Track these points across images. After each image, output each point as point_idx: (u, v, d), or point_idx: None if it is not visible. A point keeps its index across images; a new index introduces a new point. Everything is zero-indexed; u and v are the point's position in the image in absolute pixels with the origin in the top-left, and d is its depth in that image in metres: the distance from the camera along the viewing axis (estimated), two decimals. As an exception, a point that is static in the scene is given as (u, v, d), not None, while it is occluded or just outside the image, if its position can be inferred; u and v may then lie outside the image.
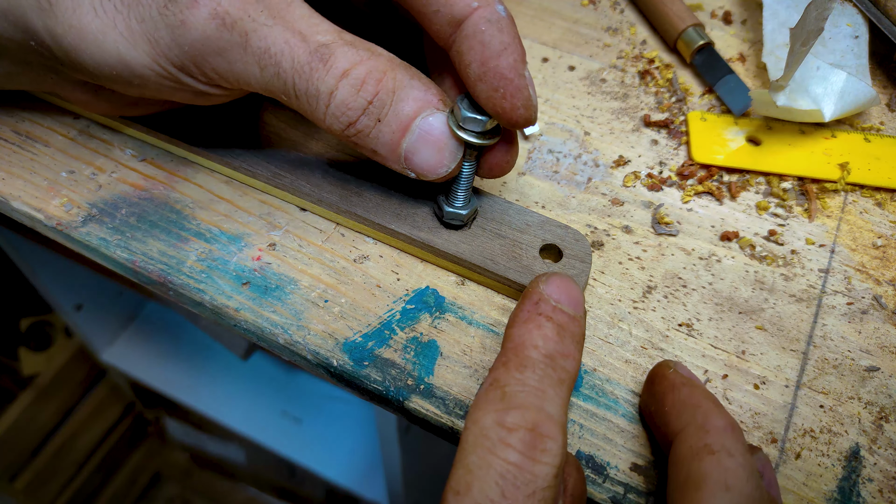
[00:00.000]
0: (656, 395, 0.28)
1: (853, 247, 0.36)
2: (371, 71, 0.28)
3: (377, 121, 0.28)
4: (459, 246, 0.33)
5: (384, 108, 0.28)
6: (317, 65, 0.27)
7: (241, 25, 0.27)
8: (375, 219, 0.34)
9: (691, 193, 0.38)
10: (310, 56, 0.27)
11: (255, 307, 0.32)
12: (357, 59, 0.28)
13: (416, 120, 0.29)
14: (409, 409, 0.30)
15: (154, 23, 0.27)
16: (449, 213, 0.32)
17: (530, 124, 0.30)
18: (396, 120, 0.29)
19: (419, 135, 0.29)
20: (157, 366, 1.09)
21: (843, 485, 0.29)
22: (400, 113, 0.28)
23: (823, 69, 0.39)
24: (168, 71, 0.29)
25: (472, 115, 0.29)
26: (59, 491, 1.17)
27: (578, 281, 0.32)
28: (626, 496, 0.28)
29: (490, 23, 0.28)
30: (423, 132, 0.29)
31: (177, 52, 0.28)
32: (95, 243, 0.34)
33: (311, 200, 0.35)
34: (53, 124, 0.39)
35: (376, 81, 0.28)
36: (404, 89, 0.28)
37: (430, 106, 0.29)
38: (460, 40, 0.29)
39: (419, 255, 0.34)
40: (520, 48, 0.29)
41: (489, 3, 0.29)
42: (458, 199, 0.32)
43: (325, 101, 0.28)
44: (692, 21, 0.44)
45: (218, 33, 0.27)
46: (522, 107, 0.29)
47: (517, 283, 0.32)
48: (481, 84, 0.28)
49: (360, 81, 0.28)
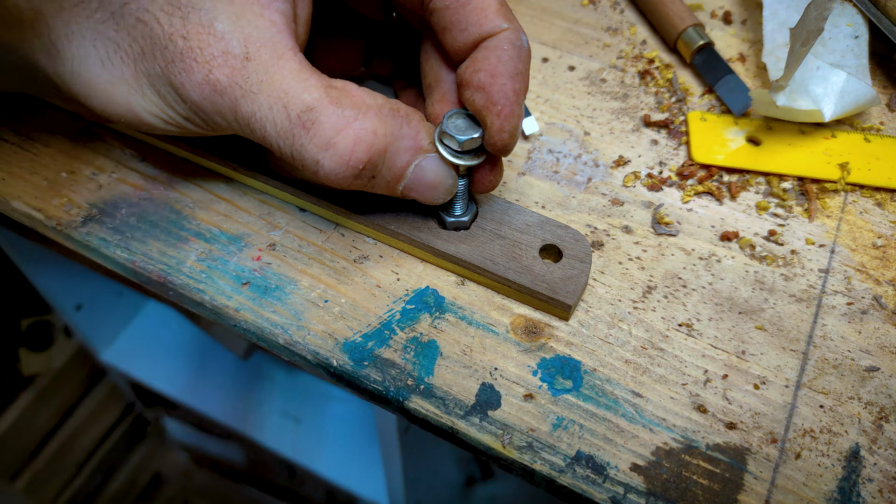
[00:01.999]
0: None
1: (853, 247, 0.36)
2: (359, 138, 0.27)
3: (371, 178, 0.29)
4: (459, 246, 0.33)
5: (376, 168, 0.29)
6: (299, 132, 0.27)
7: (230, 92, 0.28)
8: (375, 219, 0.34)
9: (691, 194, 0.38)
10: (291, 124, 0.27)
11: (255, 307, 0.32)
12: (342, 125, 0.27)
13: (409, 168, 0.30)
14: (409, 409, 0.30)
15: (160, 79, 0.28)
16: (451, 223, 0.33)
17: (505, 152, 0.30)
18: (390, 173, 0.30)
19: (413, 178, 0.30)
20: (156, 366, 1.09)
21: (843, 485, 0.29)
22: (393, 167, 0.29)
23: (823, 69, 0.39)
24: (175, 120, 0.30)
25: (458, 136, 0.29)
26: (59, 491, 1.17)
27: (579, 282, 0.32)
28: (626, 496, 0.28)
29: (514, 46, 0.29)
30: (416, 177, 0.30)
31: (181, 108, 0.29)
32: (95, 243, 0.34)
33: (310, 200, 0.35)
34: (53, 124, 0.39)
35: (366, 149, 0.28)
36: (394, 143, 0.29)
37: (421, 152, 0.30)
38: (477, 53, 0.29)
39: (419, 255, 0.34)
40: (527, 81, 0.30)
41: (518, 28, 0.30)
42: (457, 209, 0.33)
43: (314, 168, 0.28)
44: (692, 21, 0.44)
45: (212, 97, 0.28)
46: (508, 132, 0.29)
47: (517, 284, 0.32)
48: (481, 93, 0.29)
49: (349, 153, 0.27)
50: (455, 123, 0.30)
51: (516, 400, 0.30)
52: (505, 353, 0.32)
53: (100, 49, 0.28)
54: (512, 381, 0.31)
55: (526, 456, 0.29)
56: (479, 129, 0.30)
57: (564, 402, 0.30)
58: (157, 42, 0.27)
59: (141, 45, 0.28)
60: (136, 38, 0.28)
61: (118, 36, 0.28)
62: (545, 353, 0.32)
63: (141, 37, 0.28)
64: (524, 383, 0.31)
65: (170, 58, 0.27)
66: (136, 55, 0.28)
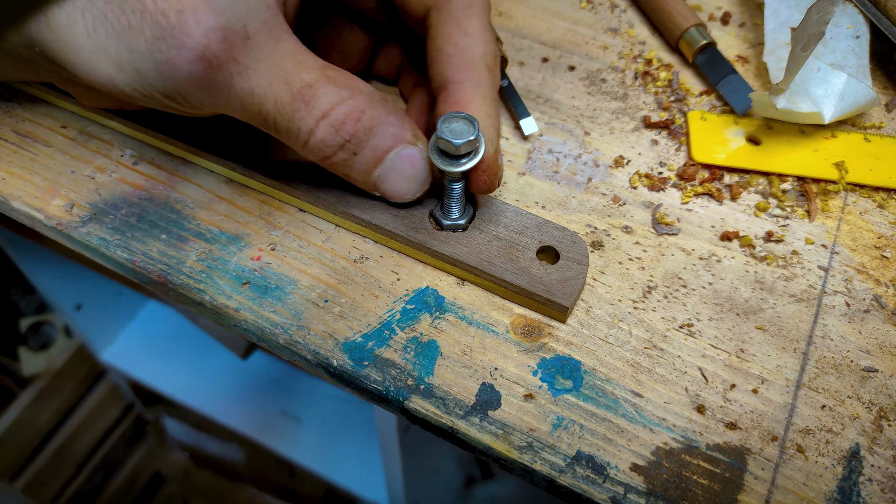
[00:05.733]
0: None
1: (853, 247, 0.36)
2: (351, 111, 0.29)
3: (353, 154, 0.30)
4: (456, 248, 0.33)
5: (360, 144, 0.30)
6: (299, 105, 0.29)
7: (227, 68, 0.28)
8: (372, 220, 0.34)
9: (691, 195, 0.38)
10: (292, 98, 0.28)
11: (255, 307, 0.32)
12: (338, 99, 0.29)
13: (390, 153, 0.31)
14: (409, 409, 0.30)
15: (142, 55, 0.27)
16: (448, 225, 0.33)
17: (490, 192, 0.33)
18: (371, 154, 0.31)
19: (390, 166, 0.31)
20: (157, 366, 1.09)
21: (843, 485, 0.29)
22: (375, 148, 0.30)
23: (824, 70, 0.39)
24: (154, 97, 0.29)
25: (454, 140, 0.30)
26: (59, 491, 1.17)
27: (576, 284, 0.32)
28: (627, 496, 0.28)
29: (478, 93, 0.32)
30: (394, 165, 0.31)
31: (162, 85, 0.28)
32: (95, 243, 0.34)
33: (308, 200, 0.35)
34: (53, 124, 0.39)
35: (355, 121, 0.29)
36: (381, 126, 0.30)
37: (403, 141, 0.31)
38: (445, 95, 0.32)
39: (416, 256, 0.34)
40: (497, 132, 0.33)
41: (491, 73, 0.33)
42: (453, 211, 0.33)
43: (305, 139, 0.30)
44: (694, 21, 0.44)
45: (203, 74, 0.27)
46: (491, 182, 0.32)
47: (513, 285, 0.32)
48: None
49: (340, 122, 0.29)
50: (450, 127, 0.30)
51: (516, 400, 0.30)
52: (505, 353, 0.32)
53: (87, 18, 0.27)
54: (512, 381, 0.31)
55: (526, 456, 0.29)
56: (474, 130, 0.30)
57: (564, 402, 0.30)
58: (146, 16, 0.27)
59: (129, 18, 0.27)
60: (126, 10, 0.27)
61: (108, 7, 0.27)
62: (545, 353, 0.32)
63: (131, 10, 0.27)
64: (524, 383, 0.31)
65: (159, 34, 0.27)
66: (123, 28, 0.27)
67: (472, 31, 0.32)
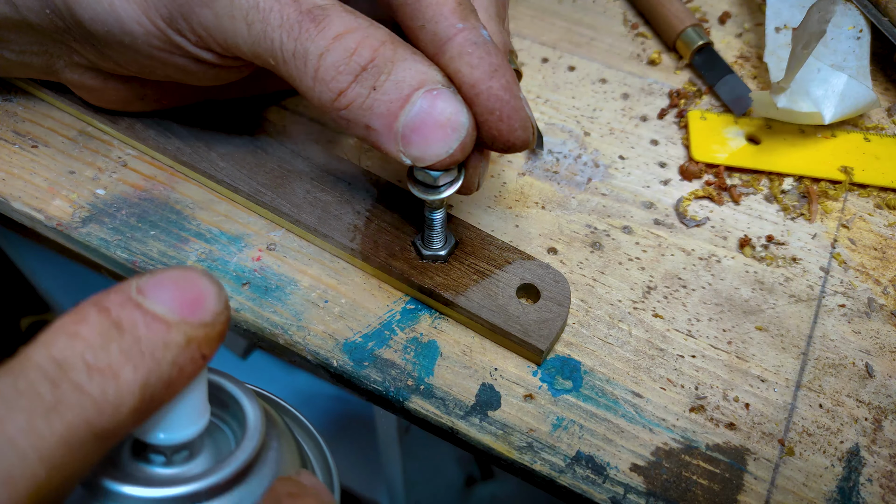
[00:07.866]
0: None
1: (853, 247, 0.36)
2: (367, 37, 0.25)
3: (371, 88, 0.25)
4: (434, 278, 0.32)
5: (380, 76, 0.25)
6: (307, 24, 0.25)
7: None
8: (351, 244, 0.33)
9: (691, 198, 0.38)
10: (300, 15, 0.26)
11: (255, 307, 0.32)
12: (354, 25, 0.25)
13: (419, 91, 0.25)
14: (409, 409, 0.30)
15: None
16: (428, 256, 0.32)
17: (527, 147, 0.28)
18: (395, 89, 0.25)
19: (421, 108, 0.25)
20: (156, 366, 1.09)
21: (843, 485, 0.29)
22: (400, 82, 0.25)
23: (824, 71, 0.39)
24: (157, 25, 0.28)
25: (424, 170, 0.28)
26: (59, 491, 1.17)
27: (554, 326, 0.30)
28: (626, 496, 0.28)
29: (477, 45, 0.26)
30: (426, 107, 0.25)
31: (165, 2, 0.27)
32: (95, 243, 0.34)
33: (289, 220, 0.34)
34: (53, 125, 0.39)
35: (372, 49, 0.25)
36: (405, 61, 0.25)
37: (433, 80, 0.26)
38: (446, 63, 0.27)
39: (393, 284, 0.33)
40: (511, 70, 0.27)
41: (474, 26, 0.27)
42: (434, 242, 0.32)
43: (315, 64, 0.25)
44: (691, 21, 0.44)
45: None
46: (520, 128, 0.27)
47: (489, 323, 0.31)
48: (473, 108, 0.27)
49: (355, 46, 0.25)
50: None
51: (516, 400, 0.30)
52: (505, 353, 0.32)
53: None
54: (512, 381, 0.31)
55: (526, 456, 0.29)
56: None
57: (564, 402, 0.30)
58: None
59: None
60: None
61: None
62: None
63: None
64: (524, 383, 0.31)
65: None
66: None
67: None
